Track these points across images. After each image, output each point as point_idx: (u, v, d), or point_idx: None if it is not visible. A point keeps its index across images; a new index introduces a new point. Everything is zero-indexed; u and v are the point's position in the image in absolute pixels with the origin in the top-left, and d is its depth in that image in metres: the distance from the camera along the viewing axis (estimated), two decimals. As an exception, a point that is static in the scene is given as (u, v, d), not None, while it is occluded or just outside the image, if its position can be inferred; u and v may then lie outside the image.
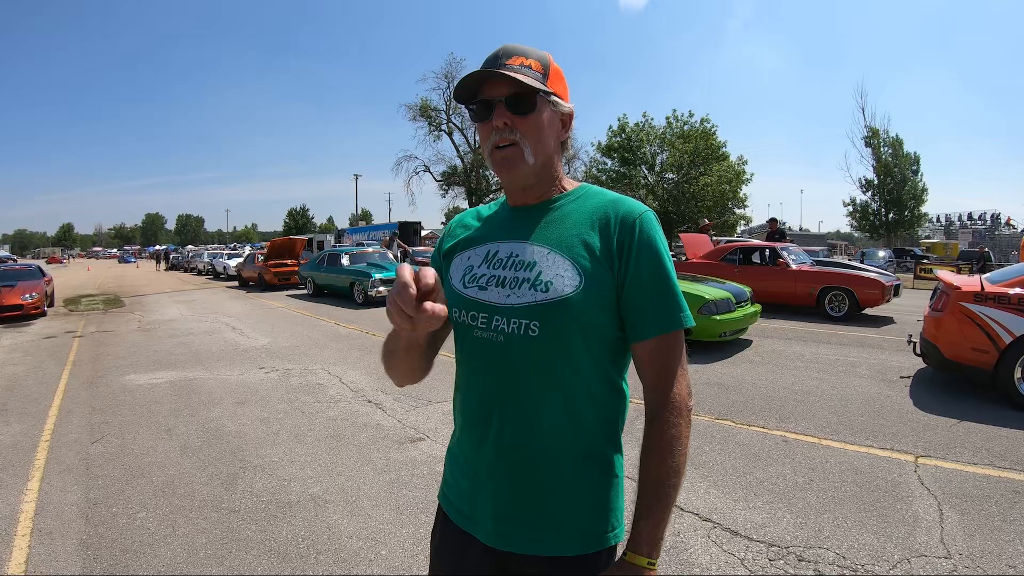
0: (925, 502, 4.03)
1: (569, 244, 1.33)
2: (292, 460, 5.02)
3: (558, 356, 1.29)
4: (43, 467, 5.02)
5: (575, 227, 1.35)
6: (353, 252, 19.58)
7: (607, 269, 1.30)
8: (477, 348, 1.37)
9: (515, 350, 1.30)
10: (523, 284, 1.31)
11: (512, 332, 1.30)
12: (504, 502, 1.34)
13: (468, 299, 1.38)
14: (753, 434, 5.45)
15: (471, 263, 1.43)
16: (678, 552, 3.47)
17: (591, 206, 1.37)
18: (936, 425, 5.58)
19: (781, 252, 13.59)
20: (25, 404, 7.03)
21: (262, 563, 3.45)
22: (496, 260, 1.39)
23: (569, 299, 1.27)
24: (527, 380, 1.31)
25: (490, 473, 1.36)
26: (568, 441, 1.32)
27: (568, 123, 1.42)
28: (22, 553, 3.63)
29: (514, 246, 1.38)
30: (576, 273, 1.29)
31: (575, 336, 1.28)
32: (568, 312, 1.27)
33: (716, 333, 8.94)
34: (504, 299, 1.32)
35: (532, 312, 1.28)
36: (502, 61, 1.32)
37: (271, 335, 11.83)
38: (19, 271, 18.52)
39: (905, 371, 7.69)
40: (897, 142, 41.17)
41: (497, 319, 1.32)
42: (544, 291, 1.28)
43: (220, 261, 33.48)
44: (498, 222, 1.47)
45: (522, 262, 1.34)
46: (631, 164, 39.39)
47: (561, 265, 1.30)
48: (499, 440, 1.34)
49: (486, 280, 1.37)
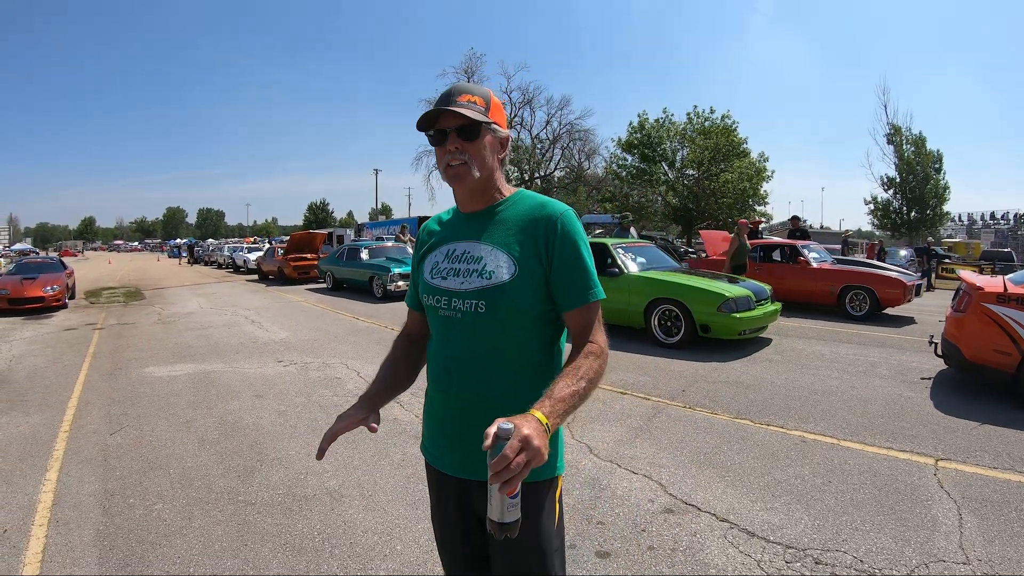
0: (944, 506, 3.97)
1: (507, 242, 1.74)
2: (309, 454, 5.04)
3: (499, 327, 1.71)
4: (61, 458, 5.07)
5: (511, 228, 1.76)
6: (372, 246, 19.61)
7: (536, 259, 1.71)
8: (442, 324, 1.80)
9: (468, 324, 1.72)
10: (472, 274, 1.73)
11: (466, 310, 1.72)
12: (466, 442, 1.71)
13: (435, 287, 1.80)
14: (772, 434, 5.40)
15: (436, 259, 1.85)
16: (694, 552, 3.45)
17: (523, 210, 1.79)
18: (957, 428, 5.50)
19: (802, 250, 13.49)
20: (45, 395, 7.12)
21: (277, 556, 3.47)
22: (454, 256, 1.81)
23: (505, 284, 1.69)
24: (478, 346, 1.72)
25: (453, 421, 1.79)
26: (511, 392, 1.71)
27: (505, 145, 1.85)
28: (39, 543, 3.67)
29: (467, 245, 1.80)
30: (512, 264, 1.71)
31: (512, 312, 1.70)
32: (505, 293, 1.68)
33: (736, 331, 8.88)
34: (459, 285, 1.74)
35: (479, 294, 1.70)
36: (454, 99, 1.72)
37: (290, 329, 11.89)
38: (41, 264, 18.78)
39: (926, 372, 7.59)
40: (920, 140, 40.61)
41: (455, 300, 1.74)
42: (488, 279, 1.71)
43: (240, 255, 33.68)
44: (454, 226, 1.89)
45: (472, 256, 1.77)
46: (651, 161, 39.16)
47: (500, 258, 1.72)
48: (459, 395, 1.76)
49: (447, 272, 1.80)
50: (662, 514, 3.92)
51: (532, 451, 1.31)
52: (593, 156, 45.41)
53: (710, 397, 6.55)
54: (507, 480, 1.29)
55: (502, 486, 1.30)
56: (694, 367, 7.93)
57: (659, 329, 9.56)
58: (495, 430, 1.33)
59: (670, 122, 39.47)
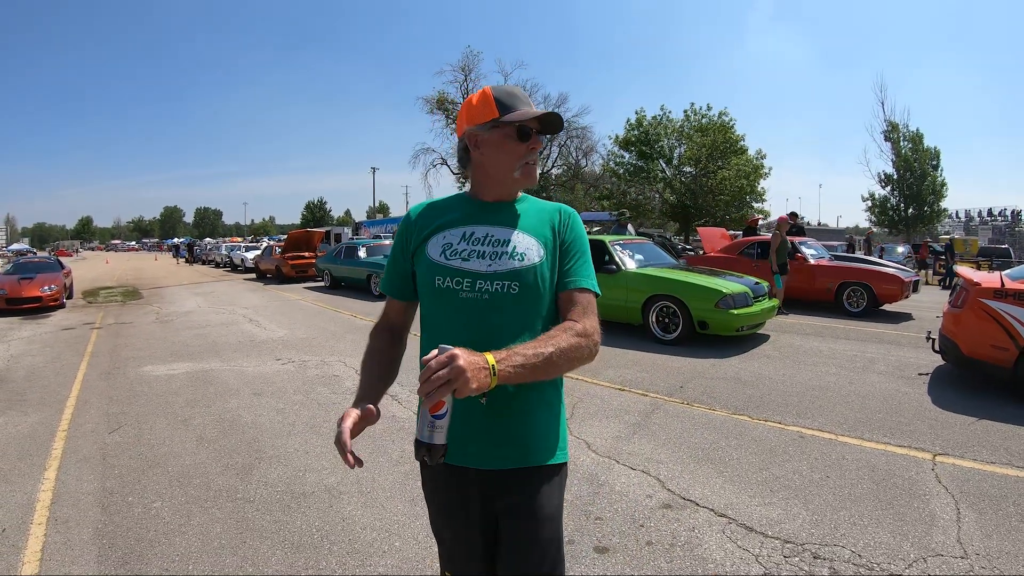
0: (942, 501, 3.98)
1: (535, 229, 1.82)
2: (307, 451, 5.05)
3: (530, 307, 1.75)
4: (60, 456, 5.07)
5: (536, 218, 1.86)
6: (370, 245, 19.63)
7: (556, 245, 1.82)
8: (464, 307, 1.74)
9: (498, 305, 1.72)
10: (503, 256, 1.75)
11: (496, 291, 1.72)
12: (497, 433, 1.75)
13: (452, 268, 1.76)
14: (770, 430, 5.41)
15: (449, 241, 1.81)
16: (692, 547, 3.46)
17: (539, 206, 1.91)
18: (954, 423, 5.52)
19: (799, 247, 13.49)
20: (43, 394, 7.11)
21: (276, 553, 3.47)
22: (474, 239, 1.79)
23: (538, 265, 1.76)
24: (507, 327, 1.72)
25: (483, 412, 1.73)
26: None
27: None
28: (38, 541, 3.67)
29: (490, 228, 1.81)
30: (540, 248, 1.78)
31: (543, 292, 1.76)
32: (539, 274, 1.75)
33: (733, 327, 8.88)
34: (487, 267, 1.74)
35: (513, 275, 1.73)
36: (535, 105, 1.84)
37: (288, 327, 11.89)
38: (39, 263, 18.75)
39: (923, 368, 7.61)
40: (917, 136, 40.68)
41: (481, 283, 1.73)
42: (521, 260, 1.75)
43: (238, 254, 33.65)
44: (470, 211, 1.87)
45: (498, 240, 1.78)
46: (649, 158, 39.17)
47: (529, 241, 1.79)
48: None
49: (467, 253, 1.77)
50: (660, 509, 3.92)
51: (454, 369, 1.37)
52: (590, 154, 45.35)
53: (708, 393, 6.56)
54: (427, 393, 1.38)
55: (425, 400, 1.41)
56: (692, 363, 7.94)
57: (657, 326, 9.55)
58: (435, 351, 1.42)
59: (667, 119, 39.51)
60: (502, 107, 1.76)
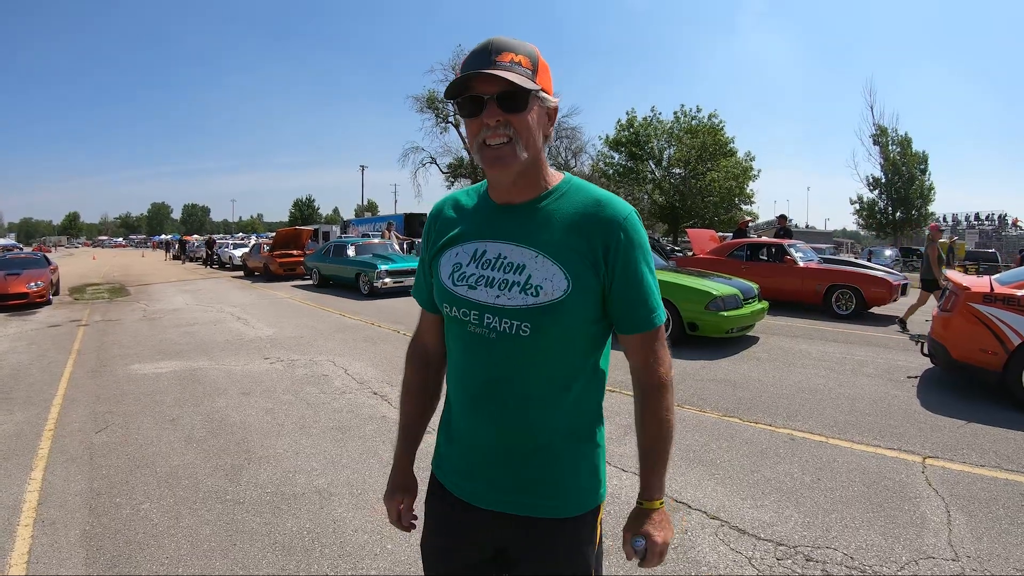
0: (933, 503, 4.01)
1: (557, 248, 1.38)
2: (297, 452, 5.01)
3: (547, 352, 1.39)
4: (47, 456, 5.02)
5: (562, 230, 1.40)
6: (359, 243, 19.57)
7: (593, 272, 1.37)
8: (473, 342, 1.44)
9: (507, 347, 1.39)
10: (513, 287, 1.38)
11: (504, 331, 1.38)
12: (509, 476, 1.46)
13: (458, 297, 1.45)
14: (760, 432, 5.42)
15: (459, 260, 1.48)
16: (686, 550, 3.46)
17: (577, 206, 1.42)
18: (943, 426, 5.55)
19: (788, 249, 13.54)
20: (29, 393, 7.04)
21: (267, 556, 3.44)
22: (484, 260, 1.44)
23: (558, 303, 1.35)
24: (520, 372, 1.40)
25: (494, 452, 1.46)
26: (558, 419, 1.44)
27: (553, 117, 1.45)
28: (25, 543, 3.62)
29: (501, 247, 1.43)
30: (564, 277, 1.36)
31: (563, 335, 1.39)
32: (558, 315, 1.35)
33: (723, 329, 8.91)
34: (494, 299, 1.39)
35: (523, 315, 1.36)
36: (492, 57, 1.32)
37: (276, 325, 11.83)
38: (24, 259, 18.60)
39: (912, 371, 7.65)
40: (905, 140, 41.02)
41: (488, 317, 1.40)
42: (535, 295, 1.36)
43: (225, 251, 33.49)
44: (482, 218, 1.50)
45: (510, 264, 1.40)
46: (638, 159, 39.30)
47: (550, 269, 1.37)
48: (499, 423, 1.44)
49: (475, 279, 1.43)
50: (652, 512, 3.90)
51: (662, 554, 1.45)
52: (579, 154, 45.41)
53: (698, 395, 6.57)
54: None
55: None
56: (682, 365, 7.93)
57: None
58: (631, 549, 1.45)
59: (658, 120, 39.65)
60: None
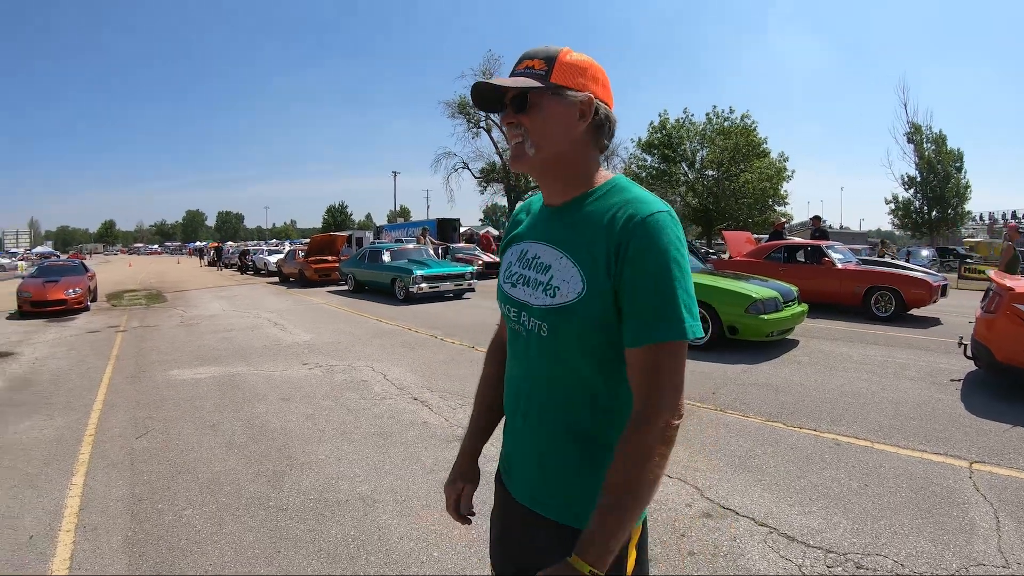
0: (981, 509, 3.89)
1: (577, 248, 1.37)
2: (339, 458, 4.97)
3: (567, 354, 1.37)
4: (88, 461, 5.04)
5: (588, 231, 1.36)
6: (394, 249, 19.61)
7: (606, 275, 1.31)
8: (513, 338, 1.51)
9: (535, 346, 1.42)
10: (539, 287, 1.41)
11: (531, 329, 1.42)
12: (536, 476, 1.47)
13: (504, 293, 1.52)
14: (805, 437, 5.29)
15: (511, 259, 1.54)
16: (735, 558, 3.37)
17: (607, 206, 1.37)
18: (989, 430, 5.38)
19: (826, 251, 13.30)
20: (69, 398, 7.11)
21: (312, 563, 3.39)
22: (525, 260, 1.48)
23: (570, 306, 1.34)
24: (544, 372, 1.42)
25: (523, 445, 1.50)
26: (574, 426, 1.40)
27: (588, 111, 1.39)
28: (67, 549, 3.62)
29: (539, 248, 1.46)
30: (580, 279, 1.33)
31: (579, 338, 1.35)
32: (571, 318, 1.34)
33: (763, 333, 8.75)
34: (528, 298, 1.43)
35: (543, 315, 1.38)
36: (514, 67, 1.42)
37: (313, 331, 11.86)
38: (63, 267, 18.95)
39: (955, 374, 7.43)
40: (940, 138, 40.37)
41: (523, 315, 1.44)
42: (552, 296, 1.37)
43: (260, 257, 33.77)
44: (535, 220, 1.54)
45: (541, 264, 1.43)
46: (671, 161, 39.12)
47: (570, 271, 1.36)
48: (526, 420, 1.48)
49: (516, 278, 1.49)
50: (701, 518, 3.83)
51: None
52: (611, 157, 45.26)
53: (741, 400, 6.44)
54: None
55: None
56: (723, 369, 7.81)
57: (686, 331, 9.36)
58: None
59: (690, 122, 39.48)
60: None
